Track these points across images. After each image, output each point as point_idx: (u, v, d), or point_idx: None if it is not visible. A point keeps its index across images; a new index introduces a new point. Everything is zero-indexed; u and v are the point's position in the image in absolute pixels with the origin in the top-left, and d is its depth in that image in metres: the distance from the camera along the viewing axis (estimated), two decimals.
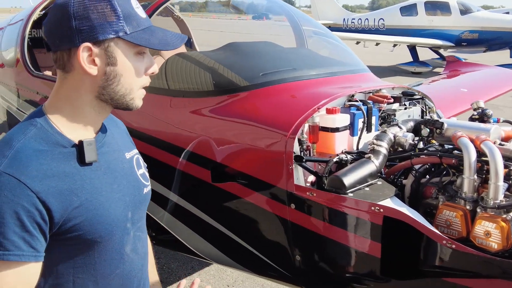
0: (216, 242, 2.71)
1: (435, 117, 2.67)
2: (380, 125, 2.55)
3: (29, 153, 1.22)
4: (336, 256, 2.18)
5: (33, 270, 1.23)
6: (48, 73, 4.25)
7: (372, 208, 1.98)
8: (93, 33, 1.24)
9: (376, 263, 2.04)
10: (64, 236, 1.26)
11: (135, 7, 1.31)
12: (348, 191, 2.06)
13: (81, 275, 1.33)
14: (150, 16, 3.14)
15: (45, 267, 1.28)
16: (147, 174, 1.53)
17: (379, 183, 2.18)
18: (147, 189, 1.51)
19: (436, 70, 17.00)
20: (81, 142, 1.29)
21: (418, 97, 2.76)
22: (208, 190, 2.57)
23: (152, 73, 1.37)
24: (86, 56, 1.26)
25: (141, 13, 1.32)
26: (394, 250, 2.05)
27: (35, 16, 4.39)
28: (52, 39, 1.29)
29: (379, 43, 18.52)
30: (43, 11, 4.45)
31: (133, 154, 1.50)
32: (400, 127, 2.40)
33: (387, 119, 2.58)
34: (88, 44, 1.25)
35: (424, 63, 17.63)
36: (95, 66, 1.27)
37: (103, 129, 1.41)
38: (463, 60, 10.49)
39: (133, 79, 1.33)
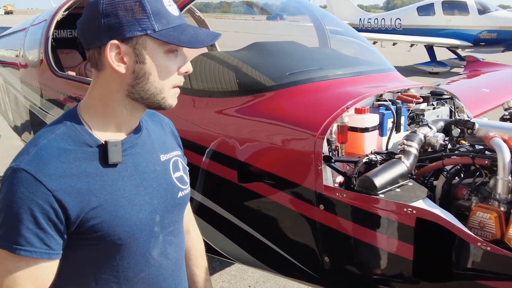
0: (241, 241, 2.70)
1: (465, 117, 2.63)
2: (408, 125, 2.53)
3: (51, 152, 1.23)
4: (366, 258, 2.16)
5: (46, 268, 1.23)
6: (72, 73, 4.28)
7: (405, 209, 1.95)
8: (120, 30, 1.24)
9: (408, 265, 2.01)
10: (84, 236, 1.26)
11: (167, 5, 1.29)
12: (379, 192, 2.04)
13: (103, 276, 1.32)
14: None
15: (67, 267, 1.29)
16: (185, 178, 1.50)
17: (410, 184, 2.15)
18: (183, 193, 1.47)
19: (454, 70, 16.85)
20: (106, 143, 1.29)
21: (447, 96, 2.73)
22: (234, 190, 2.56)
23: (186, 72, 1.34)
24: (114, 54, 1.26)
25: (173, 10, 1.30)
26: (424, 251, 2.02)
27: (58, 17, 4.42)
28: (84, 38, 1.31)
29: (396, 43, 18.42)
30: (67, 12, 4.48)
31: (171, 156, 1.47)
32: (430, 127, 2.37)
33: (415, 119, 2.55)
34: (115, 41, 1.25)
35: (441, 63, 17.50)
36: (123, 64, 1.27)
37: (138, 129, 1.40)
38: (482, 60, 10.39)
39: (163, 77, 1.30)
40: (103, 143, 1.29)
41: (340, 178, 2.25)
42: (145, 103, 1.33)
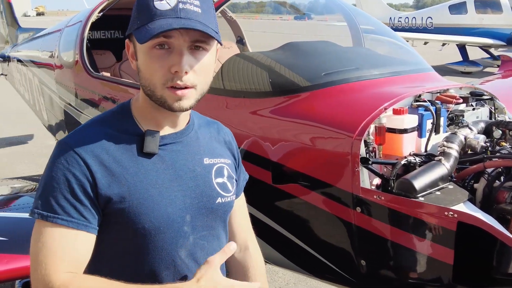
0: (273, 242, 2.68)
1: (506, 118, 2.55)
2: (448, 126, 2.47)
3: (94, 132, 1.31)
4: (404, 262, 2.11)
5: (83, 241, 1.24)
6: (106, 74, 4.33)
7: (445, 213, 1.90)
8: (127, 30, 1.33)
9: (448, 270, 1.96)
10: (114, 220, 1.28)
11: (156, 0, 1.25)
12: (418, 195, 1.99)
13: (130, 266, 1.33)
14: None
15: (98, 250, 1.30)
16: (229, 186, 1.46)
17: (451, 187, 2.10)
18: (223, 200, 1.43)
19: (487, 70, 16.49)
20: (145, 132, 1.33)
21: (487, 97, 2.66)
22: (268, 191, 2.54)
23: (176, 72, 1.24)
24: (130, 52, 1.36)
25: (162, 5, 1.24)
26: (463, 255, 1.97)
27: (93, 18, 4.48)
28: None
29: (427, 42, 18.14)
30: (101, 13, 4.53)
31: (217, 162, 1.45)
32: (470, 129, 2.31)
33: (454, 120, 2.49)
34: (127, 39, 1.36)
35: (474, 63, 17.13)
36: (134, 61, 1.34)
37: (187, 129, 1.41)
38: None
39: (149, 74, 1.28)
40: (144, 133, 1.34)
41: (377, 180, 2.21)
42: (154, 101, 1.31)
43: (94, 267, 1.35)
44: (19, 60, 6.68)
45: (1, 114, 10.41)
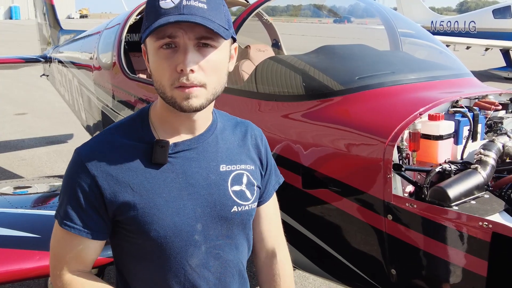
0: (303, 248, 2.65)
1: None
2: (486, 133, 2.39)
3: (106, 141, 1.32)
4: (435, 272, 2.05)
5: (87, 246, 1.31)
6: (143, 76, 4.39)
7: (480, 223, 1.84)
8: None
9: (481, 282, 1.89)
10: (124, 227, 1.31)
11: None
12: (452, 204, 1.93)
13: (143, 273, 1.35)
14: (243, 22, 3.14)
15: (119, 252, 1.37)
16: (247, 194, 1.40)
17: (487, 196, 2.03)
18: (240, 209, 1.38)
19: None
20: (154, 142, 1.31)
21: None
22: (298, 196, 2.51)
23: (181, 70, 1.20)
24: (147, 57, 1.31)
25: (166, 4, 1.20)
26: (498, 267, 1.89)
27: (131, 21, 4.55)
28: None
29: (470, 47, 17.73)
30: (139, 16, 4.60)
31: (235, 168, 1.40)
32: (509, 136, 2.24)
33: (493, 127, 2.41)
34: (142, 45, 1.32)
35: None
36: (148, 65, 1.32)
37: (205, 134, 1.37)
38: None
39: (158, 75, 1.25)
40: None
41: (410, 188, 2.16)
42: (167, 104, 1.28)
43: (119, 268, 1.41)
44: (60, 61, 6.83)
45: (44, 113, 10.72)
